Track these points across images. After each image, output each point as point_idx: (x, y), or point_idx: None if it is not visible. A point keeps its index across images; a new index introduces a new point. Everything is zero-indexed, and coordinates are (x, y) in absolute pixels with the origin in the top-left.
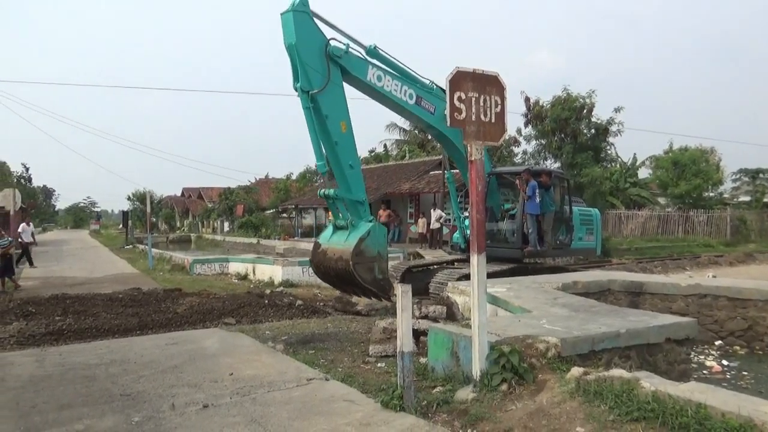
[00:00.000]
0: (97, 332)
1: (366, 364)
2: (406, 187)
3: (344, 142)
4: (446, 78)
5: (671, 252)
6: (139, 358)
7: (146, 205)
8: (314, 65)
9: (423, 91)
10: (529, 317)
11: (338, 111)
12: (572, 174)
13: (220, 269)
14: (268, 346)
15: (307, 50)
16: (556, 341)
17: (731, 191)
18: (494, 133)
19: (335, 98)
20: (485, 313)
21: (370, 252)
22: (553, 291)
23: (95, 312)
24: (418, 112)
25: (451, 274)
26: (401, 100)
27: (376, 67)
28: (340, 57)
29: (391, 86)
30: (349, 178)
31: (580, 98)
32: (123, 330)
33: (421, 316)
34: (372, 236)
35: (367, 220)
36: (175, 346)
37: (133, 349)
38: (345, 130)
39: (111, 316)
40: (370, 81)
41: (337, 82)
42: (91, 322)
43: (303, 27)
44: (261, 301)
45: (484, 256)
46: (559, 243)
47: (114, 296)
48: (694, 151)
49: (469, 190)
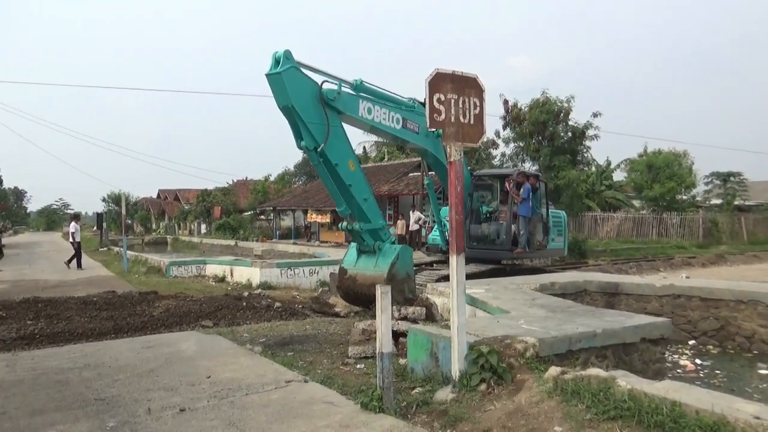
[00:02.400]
0: (70, 336)
1: (345, 366)
2: (385, 189)
3: (356, 181)
4: (425, 79)
5: (646, 253)
6: (114, 362)
7: (121, 206)
8: (314, 119)
9: (406, 112)
10: (508, 318)
11: (345, 153)
12: (549, 176)
13: (197, 271)
14: (247, 348)
15: (305, 107)
16: (534, 341)
17: (703, 194)
18: (473, 135)
19: (340, 143)
20: (464, 314)
21: (400, 275)
22: (531, 292)
23: (68, 316)
24: (405, 135)
25: (431, 276)
26: (390, 127)
27: (365, 100)
28: (334, 99)
29: (380, 116)
30: (367, 211)
31: (558, 102)
32: (97, 334)
33: (401, 317)
34: (401, 259)
35: (391, 242)
36: (151, 349)
37: (107, 352)
38: (354, 168)
39: (85, 320)
40: (362, 116)
41: (336, 125)
42: (64, 325)
43: (295, 84)
44: (239, 304)
45: (463, 257)
46: (538, 244)
47: (88, 299)
48: (668, 155)
49: (448, 191)
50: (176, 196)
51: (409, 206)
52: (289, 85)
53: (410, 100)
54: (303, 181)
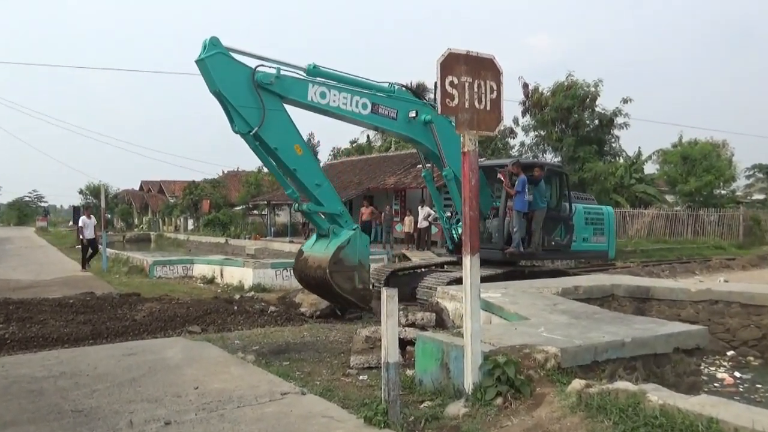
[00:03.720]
0: (44, 341)
1: (347, 377)
2: (390, 182)
3: (303, 166)
4: (437, 60)
5: (680, 254)
6: (92, 371)
7: (100, 200)
8: (246, 102)
9: (380, 98)
10: (526, 325)
11: (287, 137)
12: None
13: (183, 272)
14: (238, 356)
15: (234, 91)
16: (555, 351)
17: (744, 189)
18: (489, 122)
19: (279, 126)
20: (478, 321)
21: (349, 261)
22: (552, 296)
23: (42, 319)
24: (377, 121)
25: (441, 278)
26: (353, 112)
27: (317, 85)
28: (271, 83)
29: (339, 100)
30: (320, 197)
31: (584, 86)
32: (74, 339)
33: (408, 323)
34: (352, 244)
35: (350, 228)
36: (133, 356)
37: (85, 360)
38: (301, 152)
39: (60, 324)
40: (312, 100)
41: (275, 108)
42: (37, 330)
43: (222, 69)
44: (229, 308)
45: (477, 257)
46: (554, 244)
47: (64, 301)
48: (705, 145)
49: (462, 184)
50: (161, 189)
51: (418, 201)
52: (214, 70)
53: (391, 85)
54: None
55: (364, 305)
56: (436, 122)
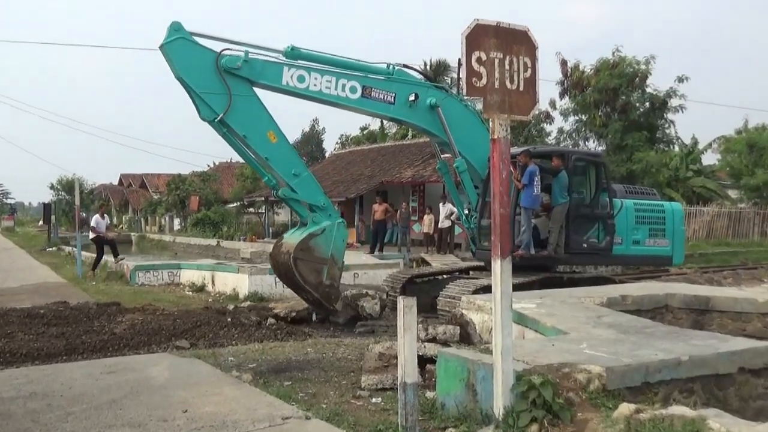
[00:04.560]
0: (12, 357)
1: (357, 399)
2: (407, 175)
3: (277, 154)
4: (462, 33)
5: (745, 259)
6: (66, 391)
7: (74, 195)
8: (210, 88)
9: (374, 81)
10: (566, 340)
11: (257, 124)
12: (621, 159)
13: (169, 278)
14: (232, 375)
15: (196, 77)
16: (600, 371)
17: None
18: (523, 105)
19: (248, 113)
20: (510, 335)
21: (319, 251)
22: (596, 307)
23: (9, 332)
24: (370, 106)
25: (466, 286)
26: (338, 96)
27: (295, 68)
28: (238, 68)
29: (320, 84)
30: (297, 188)
31: (634, 63)
32: (45, 355)
33: (428, 338)
34: (326, 235)
35: (335, 219)
36: (113, 375)
37: (58, 378)
38: (275, 140)
39: (30, 337)
40: (288, 84)
41: (244, 94)
42: (3, 344)
43: (182, 56)
44: (222, 319)
45: (509, 262)
46: (587, 247)
47: (34, 312)
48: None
49: (491, 177)
50: (143, 183)
51: (439, 197)
52: (175, 56)
53: (391, 66)
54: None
55: (328, 305)
56: (444, 106)
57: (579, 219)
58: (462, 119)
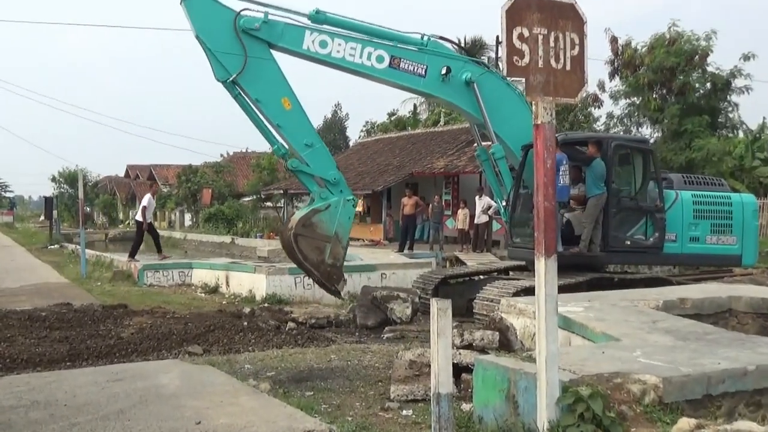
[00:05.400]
0: (11, 363)
1: (386, 411)
2: (440, 165)
3: (290, 123)
4: (501, 6)
5: None
6: (70, 399)
7: (78, 189)
8: (226, 48)
9: (403, 51)
10: (618, 347)
11: (272, 89)
12: (679, 146)
13: (180, 278)
14: (249, 384)
15: (213, 36)
16: (656, 381)
17: None
18: (569, 86)
19: (264, 76)
20: (555, 342)
21: (323, 228)
22: (651, 311)
23: (9, 336)
24: (397, 77)
25: (506, 287)
26: (363, 65)
27: (317, 32)
28: (257, 29)
29: (344, 51)
30: (309, 159)
31: (693, 39)
32: (48, 360)
33: (464, 345)
34: (331, 211)
35: (345, 196)
36: (120, 383)
37: (62, 386)
38: (290, 107)
39: (31, 342)
40: (309, 49)
41: (262, 56)
42: (3, 349)
43: (201, 12)
44: (238, 323)
45: (554, 261)
46: (630, 244)
47: (35, 314)
48: None
49: (535, 166)
50: (151, 175)
51: (475, 189)
52: (193, 13)
53: (424, 36)
54: None
55: (330, 285)
56: (481, 82)
57: (621, 213)
58: (502, 99)
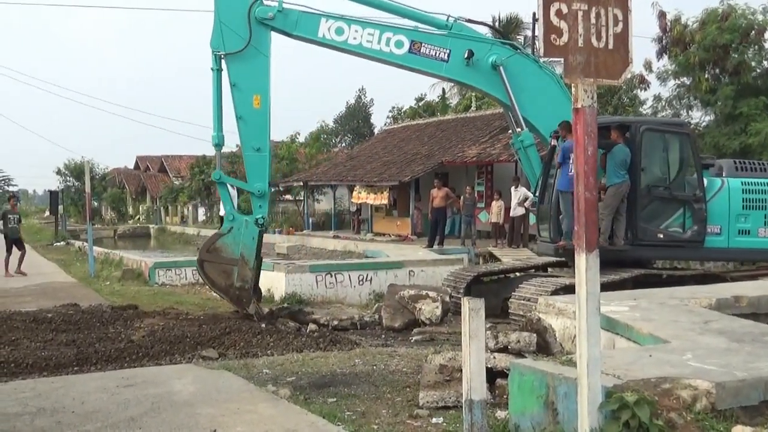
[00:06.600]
0: (17, 368)
1: (414, 419)
2: (472, 153)
3: (252, 120)
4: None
5: None
6: (79, 406)
7: (85, 182)
8: (233, 26)
9: (425, 35)
10: (666, 350)
11: (253, 83)
12: (734, 131)
13: (193, 277)
14: (268, 390)
15: (227, 10)
16: (708, 387)
17: None
18: (612, 66)
19: (252, 68)
20: (598, 344)
21: (227, 252)
22: (703, 311)
23: (14, 339)
24: (417, 62)
25: (543, 285)
26: (381, 51)
27: (333, 19)
28: (271, 18)
29: (362, 37)
30: (248, 163)
31: (748, 14)
32: (54, 365)
33: (498, 348)
34: (234, 234)
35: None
36: (131, 389)
37: (69, 392)
38: (259, 105)
39: (37, 345)
40: (324, 37)
41: (262, 50)
42: (8, 353)
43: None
44: (255, 326)
45: (596, 257)
46: (664, 237)
47: (40, 316)
48: None
49: (575, 153)
50: (162, 166)
51: (511, 180)
52: None
53: (450, 18)
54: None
55: (240, 309)
56: (509, 65)
57: (652, 203)
58: (533, 82)
